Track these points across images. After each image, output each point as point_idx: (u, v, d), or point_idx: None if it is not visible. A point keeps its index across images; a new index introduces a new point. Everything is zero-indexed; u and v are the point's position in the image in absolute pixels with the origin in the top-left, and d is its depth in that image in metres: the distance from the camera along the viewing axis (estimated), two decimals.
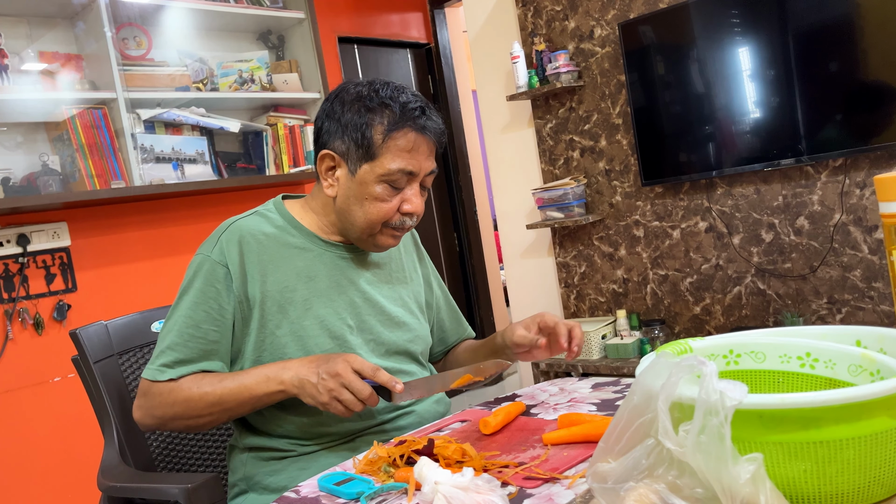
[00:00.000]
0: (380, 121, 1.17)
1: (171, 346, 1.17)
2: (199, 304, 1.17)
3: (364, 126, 1.17)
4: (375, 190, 1.19)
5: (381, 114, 1.18)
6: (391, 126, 1.17)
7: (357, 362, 1.06)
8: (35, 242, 2.56)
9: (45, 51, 2.63)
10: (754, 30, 2.62)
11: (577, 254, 3.32)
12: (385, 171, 1.18)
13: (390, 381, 1.06)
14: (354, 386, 1.04)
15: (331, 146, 1.21)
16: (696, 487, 0.63)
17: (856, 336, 0.83)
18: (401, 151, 1.17)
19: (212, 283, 1.18)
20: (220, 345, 1.19)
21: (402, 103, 1.18)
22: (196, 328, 1.17)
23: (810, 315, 2.69)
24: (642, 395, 0.67)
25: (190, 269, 1.21)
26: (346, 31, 3.94)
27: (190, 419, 1.15)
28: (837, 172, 2.57)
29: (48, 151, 2.60)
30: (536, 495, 0.83)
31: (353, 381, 1.04)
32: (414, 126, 1.18)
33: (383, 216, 1.20)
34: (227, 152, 3.12)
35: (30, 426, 2.53)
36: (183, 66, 2.95)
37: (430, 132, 1.20)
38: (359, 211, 1.21)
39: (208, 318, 1.17)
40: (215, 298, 1.17)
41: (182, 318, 1.18)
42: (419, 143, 1.19)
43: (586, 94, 3.16)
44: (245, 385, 1.13)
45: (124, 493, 1.22)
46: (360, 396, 1.04)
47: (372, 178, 1.18)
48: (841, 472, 0.65)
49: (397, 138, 1.17)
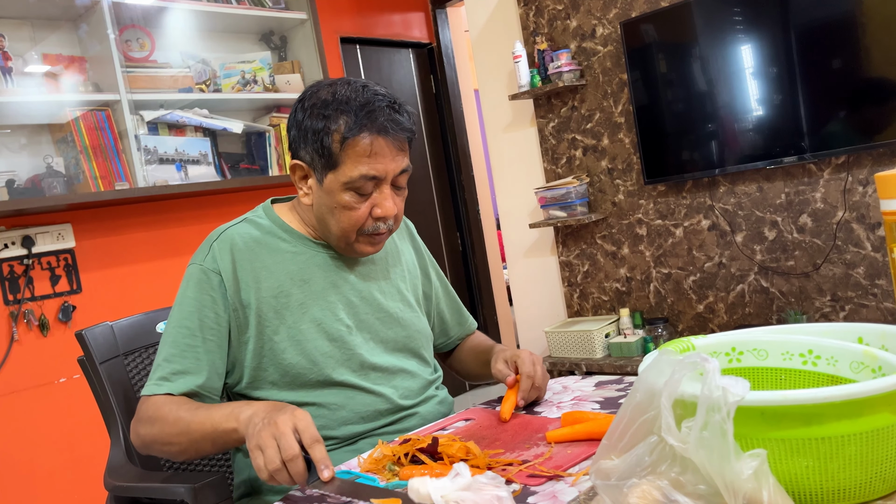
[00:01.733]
0: (335, 128, 1.13)
1: (167, 359, 1.16)
2: (194, 314, 1.17)
3: (322, 133, 1.14)
4: (343, 198, 1.15)
5: (337, 120, 1.13)
6: (347, 132, 1.12)
7: (303, 423, 0.93)
8: (40, 244, 2.57)
9: (48, 53, 2.64)
10: (756, 27, 2.62)
11: (580, 252, 3.32)
12: (347, 179, 1.14)
13: (322, 460, 0.91)
14: (283, 441, 0.90)
15: (299, 155, 1.19)
16: (699, 484, 0.63)
17: (858, 333, 0.83)
18: (360, 157, 1.13)
19: (206, 291, 1.18)
20: (217, 355, 1.17)
21: (360, 105, 1.13)
22: (192, 337, 1.16)
23: (814, 312, 2.69)
24: (645, 392, 0.68)
25: (184, 280, 1.21)
26: (348, 31, 3.94)
27: (164, 444, 1.10)
28: (840, 170, 2.57)
29: (52, 153, 2.62)
30: (540, 493, 0.83)
31: (286, 436, 0.91)
32: (372, 129, 1.12)
33: (354, 223, 1.17)
34: (231, 153, 3.13)
35: (35, 427, 2.54)
36: (186, 68, 2.96)
37: (392, 131, 1.14)
38: (331, 220, 1.19)
39: (203, 327, 1.16)
40: (210, 307, 1.17)
41: (177, 328, 1.17)
42: (380, 145, 1.14)
43: (588, 92, 3.17)
44: (210, 416, 1.05)
45: (131, 493, 1.23)
46: (284, 455, 0.90)
47: (337, 186, 1.15)
48: (843, 468, 0.65)
49: (355, 145, 1.13)
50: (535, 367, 1.19)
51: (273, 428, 0.92)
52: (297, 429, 0.92)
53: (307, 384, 1.19)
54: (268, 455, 0.90)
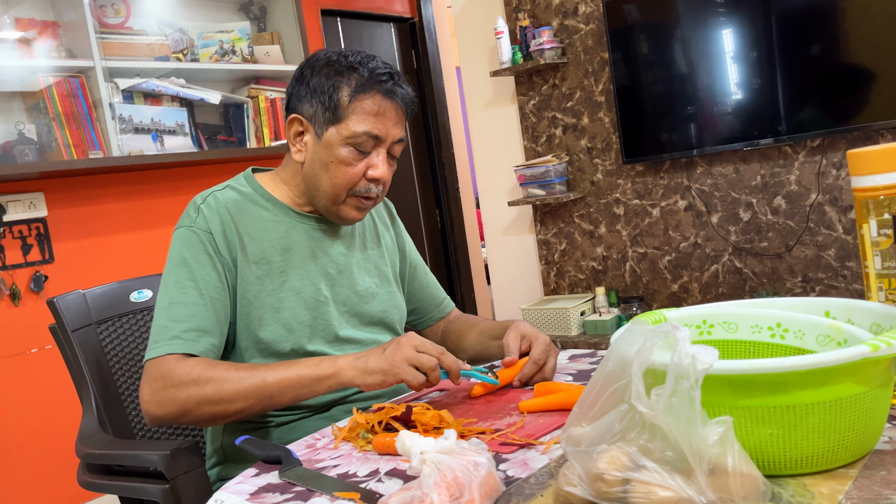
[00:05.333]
0: (347, 83, 1.17)
1: (175, 319, 1.10)
2: (197, 272, 1.14)
3: (331, 88, 1.17)
4: (341, 153, 1.17)
5: (349, 77, 1.17)
6: (358, 88, 1.16)
7: (418, 340, 1.04)
8: (11, 212, 2.53)
9: (21, 17, 2.58)
10: (738, 12, 2.63)
11: (558, 231, 3.34)
12: (351, 134, 1.16)
13: (452, 364, 1.03)
14: (421, 359, 1.02)
15: (299, 110, 1.21)
16: (667, 451, 0.64)
17: (825, 307, 0.85)
18: (367, 114, 1.16)
19: (203, 250, 1.16)
20: (224, 313, 1.15)
21: (371, 68, 1.17)
22: (200, 296, 1.13)
23: (785, 293, 2.74)
24: (617, 361, 0.69)
25: (174, 244, 1.18)
26: (329, 3, 3.89)
27: (219, 404, 1.05)
28: (815, 153, 2.60)
29: (24, 120, 2.56)
30: (512, 460, 0.85)
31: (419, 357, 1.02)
32: (381, 90, 1.17)
33: (349, 181, 1.19)
34: (208, 124, 3.09)
35: (6, 397, 2.52)
36: (163, 36, 2.90)
37: (399, 98, 1.19)
38: (324, 175, 1.19)
39: (209, 285, 1.14)
40: (210, 265, 1.15)
41: (183, 289, 1.13)
42: (386, 107, 1.18)
43: (570, 71, 3.16)
44: (292, 368, 1.07)
45: (102, 460, 1.22)
46: (428, 368, 1.01)
47: (338, 140, 1.17)
48: (806, 437, 0.67)
49: (363, 100, 1.16)
50: (549, 359, 1.14)
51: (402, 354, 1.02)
52: (418, 348, 1.03)
53: (279, 353, 1.19)
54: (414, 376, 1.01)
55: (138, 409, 1.41)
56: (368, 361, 1.04)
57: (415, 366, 1.02)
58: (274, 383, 1.06)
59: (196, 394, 1.05)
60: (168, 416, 1.08)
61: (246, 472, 0.94)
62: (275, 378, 1.06)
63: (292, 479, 0.88)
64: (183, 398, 1.05)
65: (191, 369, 1.06)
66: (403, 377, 1.01)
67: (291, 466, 0.92)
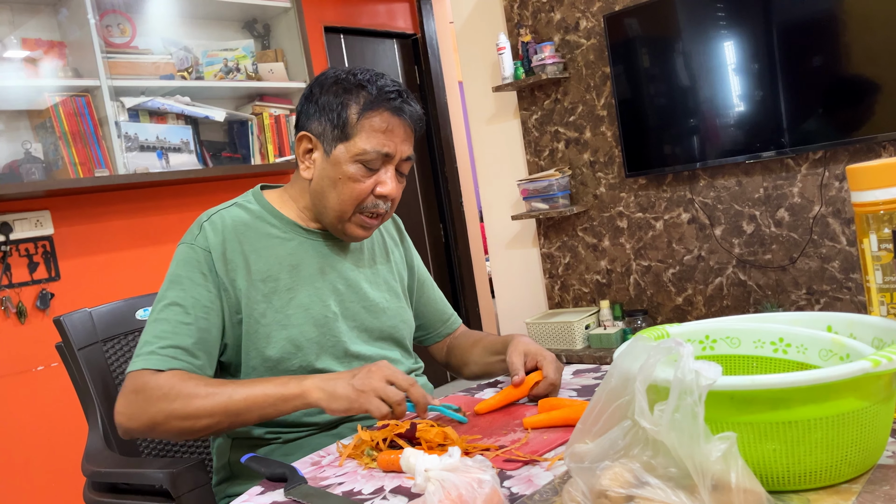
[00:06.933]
0: (355, 101, 1.18)
1: (158, 335, 1.12)
2: (188, 291, 1.15)
3: (340, 106, 1.18)
4: (349, 170, 1.18)
5: (358, 94, 1.18)
6: (367, 106, 1.17)
7: (389, 370, 1.04)
8: (18, 231, 2.54)
9: (27, 38, 2.61)
10: (739, 24, 2.65)
11: (562, 245, 3.34)
12: (359, 151, 1.17)
13: (420, 399, 1.03)
14: (387, 391, 1.02)
15: (308, 128, 1.22)
16: (670, 467, 0.64)
17: (827, 322, 0.85)
18: (375, 132, 1.17)
19: (198, 269, 1.17)
20: (211, 333, 1.16)
21: (380, 86, 1.19)
22: (185, 314, 1.14)
23: (789, 305, 2.73)
24: (620, 377, 0.69)
25: (173, 260, 1.20)
26: (332, 20, 3.93)
27: (187, 419, 1.06)
28: (817, 165, 2.61)
29: (31, 139, 2.59)
30: (516, 476, 0.85)
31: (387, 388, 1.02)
32: (389, 107, 1.18)
33: (356, 197, 1.19)
34: (213, 141, 3.11)
35: (12, 415, 2.52)
36: (167, 55, 2.93)
37: (407, 115, 1.20)
38: (332, 192, 1.20)
39: (197, 305, 1.15)
40: (203, 285, 1.16)
41: (171, 306, 1.15)
42: (395, 124, 1.19)
43: (571, 85, 3.18)
44: (258, 387, 1.07)
45: (109, 479, 1.23)
46: (393, 401, 1.02)
47: (346, 157, 1.18)
48: (809, 452, 0.67)
49: (372, 117, 1.17)
50: (559, 378, 1.16)
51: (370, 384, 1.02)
52: (388, 379, 1.02)
53: (288, 370, 1.19)
54: (378, 407, 1.01)
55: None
56: (336, 386, 1.04)
57: (381, 397, 1.01)
58: (240, 401, 1.06)
59: (165, 408, 1.07)
60: (138, 428, 1.10)
61: (251, 491, 0.94)
62: (241, 396, 1.07)
63: (297, 497, 0.88)
64: (153, 412, 1.07)
65: (163, 383, 1.08)
66: (368, 408, 1.01)
67: (297, 484, 0.92)
